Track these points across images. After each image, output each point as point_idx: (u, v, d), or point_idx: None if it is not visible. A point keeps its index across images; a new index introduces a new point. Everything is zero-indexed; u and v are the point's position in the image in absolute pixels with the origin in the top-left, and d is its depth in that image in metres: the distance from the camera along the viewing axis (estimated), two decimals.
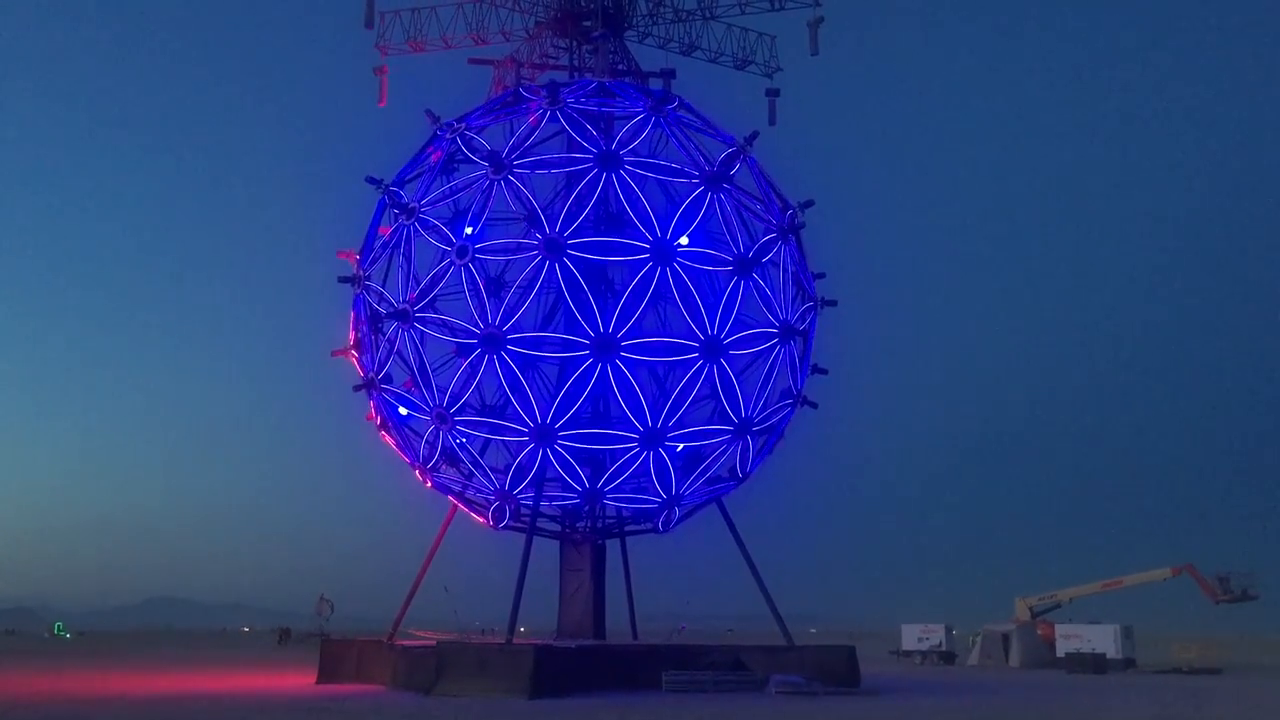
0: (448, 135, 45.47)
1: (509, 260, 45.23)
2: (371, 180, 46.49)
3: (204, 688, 44.43)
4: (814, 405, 48.59)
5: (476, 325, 42.29)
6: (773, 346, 44.83)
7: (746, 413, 44.47)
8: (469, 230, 42.98)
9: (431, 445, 45.09)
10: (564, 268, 41.87)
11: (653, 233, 42.56)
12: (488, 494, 45.63)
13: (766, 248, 44.95)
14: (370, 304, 45.38)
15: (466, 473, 46.13)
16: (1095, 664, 62.84)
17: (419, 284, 43.41)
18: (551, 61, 53.76)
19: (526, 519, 45.25)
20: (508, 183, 42.85)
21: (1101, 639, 65.21)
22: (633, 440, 43.45)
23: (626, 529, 49.97)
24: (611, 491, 45.24)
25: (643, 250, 42.67)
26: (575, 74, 52.82)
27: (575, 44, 53.57)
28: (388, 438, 47.19)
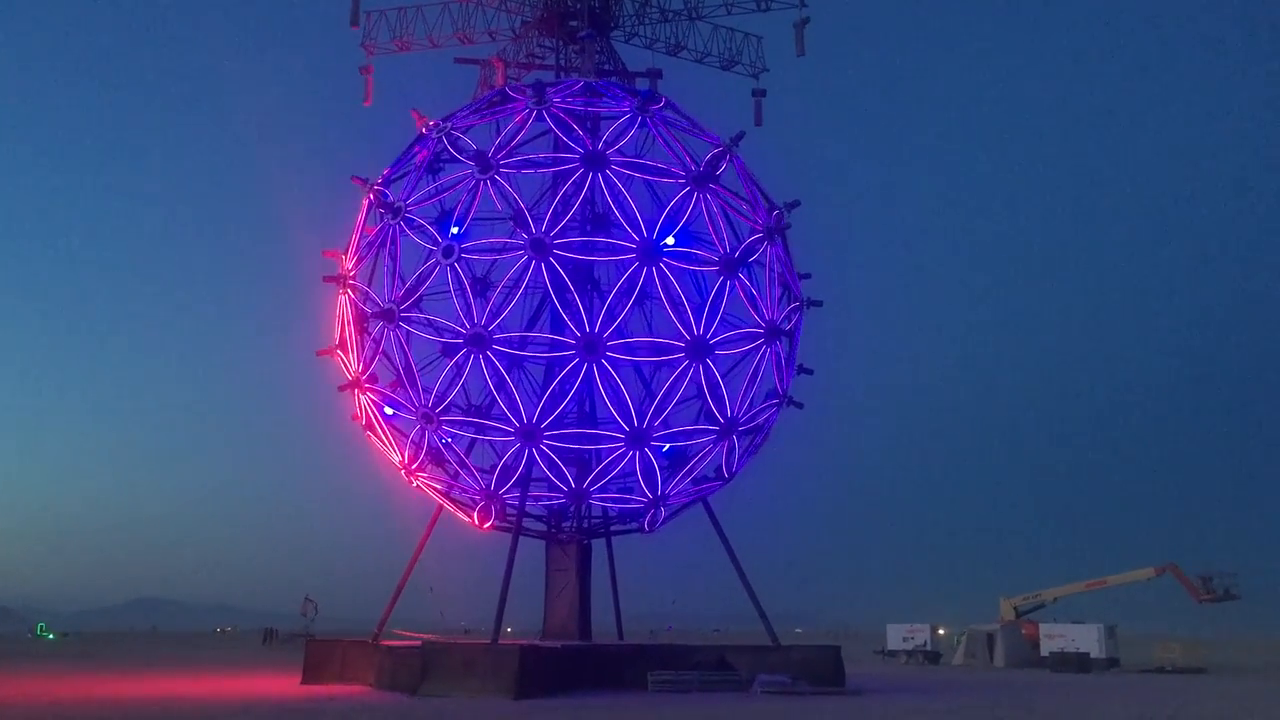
0: (434, 135, 45.39)
1: (495, 260, 45.21)
2: (357, 179, 46.45)
3: (188, 690, 44.24)
4: (799, 405, 48.68)
5: (462, 325, 42.23)
6: (758, 347, 44.87)
7: (732, 413, 44.51)
8: (455, 230, 42.92)
9: (417, 445, 45.01)
10: (550, 268, 41.83)
11: (639, 233, 42.54)
12: (473, 494, 45.58)
13: (752, 248, 45.00)
14: (356, 303, 45.26)
15: (452, 473, 46.07)
16: (1079, 663, 63.15)
17: (405, 283, 43.33)
18: (538, 61, 53.72)
19: (512, 519, 45.21)
20: (494, 182, 42.79)
21: (1085, 638, 65.52)
22: (618, 440, 43.44)
23: (612, 529, 49.99)
24: (597, 491, 45.24)
25: (629, 250, 42.67)
26: (561, 74, 52.80)
27: (562, 44, 53.54)
28: (373, 437, 47.08)
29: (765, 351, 45.18)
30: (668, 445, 45.24)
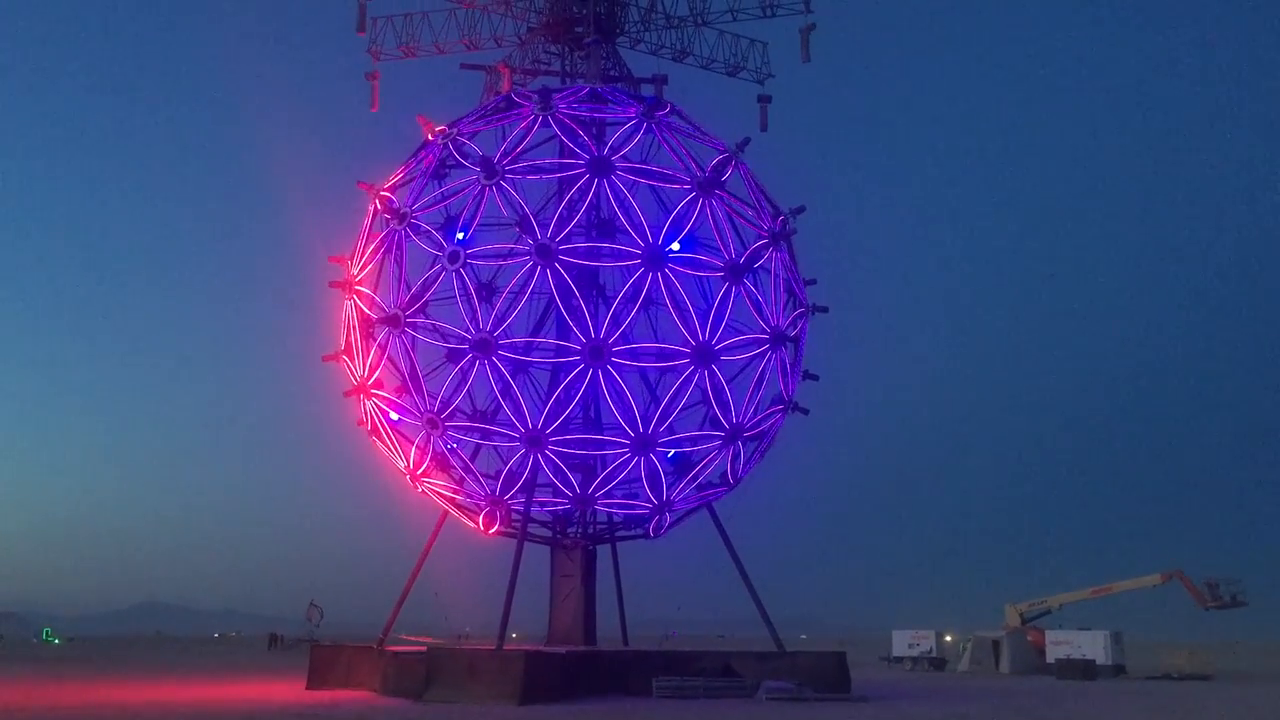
0: (440, 140, 45.45)
1: (500, 266, 45.27)
2: (363, 185, 46.52)
3: (193, 695, 44.28)
4: (805, 411, 48.62)
5: (468, 331, 42.28)
6: (764, 352, 44.85)
7: (737, 419, 44.47)
8: (460, 235, 42.97)
9: (422, 451, 45.01)
10: (555, 273, 41.85)
11: (644, 239, 42.57)
12: (479, 499, 45.56)
13: (758, 254, 44.98)
14: (361, 309, 45.30)
15: (457, 478, 46.05)
16: (1085, 670, 62.92)
17: (410, 289, 43.38)
18: (544, 67, 53.80)
19: (517, 525, 45.20)
20: (499, 188, 42.83)
21: (1091, 645, 65.31)
22: (624, 446, 43.44)
23: (617, 534, 49.97)
24: (602, 497, 45.22)
25: (634, 256, 42.69)
26: (567, 80, 52.84)
27: (567, 50, 53.60)
28: (379, 443, 47.11)
29: (770, 357, 45.16)
30: (673, 451, 45.22)
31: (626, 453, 43.48)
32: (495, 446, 45.38)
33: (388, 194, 45.73)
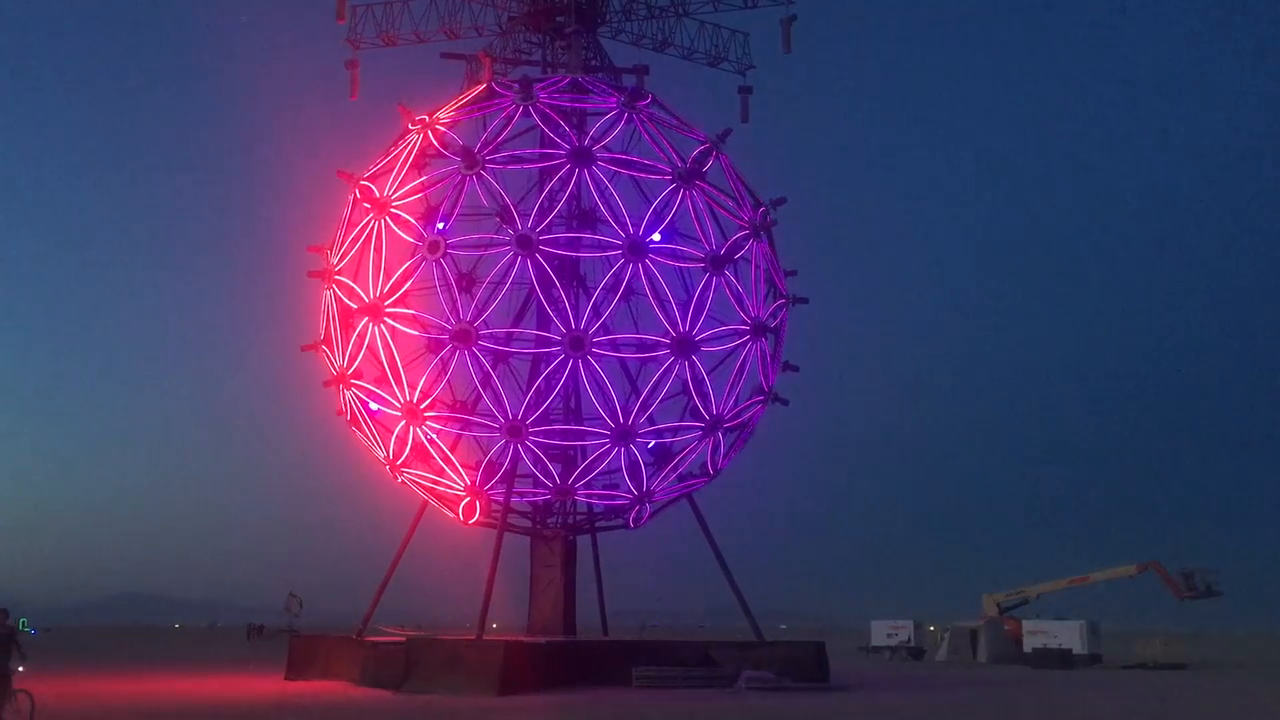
0: (419, 130, 45.27)
1: (481, 256, 45.14)
2: (343, 174, 46.32)
3: (171, 686, 44.15)
4: (785, 402, 48.77)
5: (448, 321, 42.19)
6: (744, 343, 44.94)
7: (718, 409, 44.57)
8: (440, 225, 42.85)
9: (402, 441, 44.92)
10: (536, 264, 41.79)
11: (625, 229, 42.55)
12: (458, 490, 45.52)
13: (738, 245, 45.02)
14: (341, 299, 45.13)
15: (437, 468, 46.00)
16: (1061, 660, 63.49)
17: (390, 279, 43.23)
18: (525, 57, 53.56)
19: (497, 515, 45.21)
20: (480, 178, 42.71)
21: (1067, 635, 65.86)
22: (604, 437, 43.49)
23: (598, 525, 50.03)
24: (583, 487, 45.26)
25: (615, 247, 42.67)
26: (548, 70, 52.66)
27: (548, 39, 53.39)
28: (358, 433, 47.00)
29: (751, 348, 45.23)
30: (653, 442, 45.30)
31: (607, 443, 43.53)
32: (475, 437, 45.34)
33: (367, 183, 45.51)
